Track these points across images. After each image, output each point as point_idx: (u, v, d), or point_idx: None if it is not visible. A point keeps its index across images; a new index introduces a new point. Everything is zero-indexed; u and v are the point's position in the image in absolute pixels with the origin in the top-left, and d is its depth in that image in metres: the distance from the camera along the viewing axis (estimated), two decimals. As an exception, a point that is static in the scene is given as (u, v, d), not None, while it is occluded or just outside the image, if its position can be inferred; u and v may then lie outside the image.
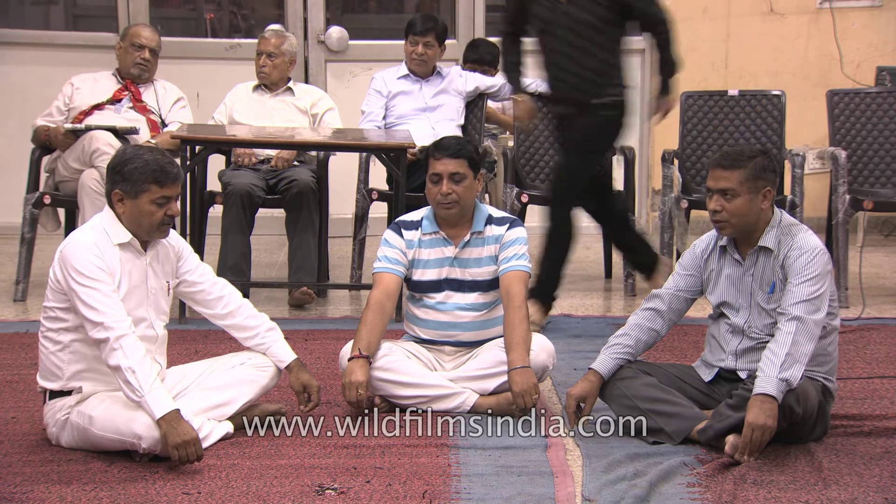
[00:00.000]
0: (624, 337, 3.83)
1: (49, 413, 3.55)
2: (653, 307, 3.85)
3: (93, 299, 3.41)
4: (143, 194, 3.50)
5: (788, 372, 3.41)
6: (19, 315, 5.38)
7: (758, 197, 3.64)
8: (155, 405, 3.34)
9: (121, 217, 3.55)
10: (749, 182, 3.62)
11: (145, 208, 3.52)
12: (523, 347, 3.87)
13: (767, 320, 3.66)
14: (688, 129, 6.05)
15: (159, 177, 3.51)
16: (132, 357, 3.36)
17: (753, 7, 7.41)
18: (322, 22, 7.45)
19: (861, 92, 6.08)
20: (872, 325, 5.20)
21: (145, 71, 5.81)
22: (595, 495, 3.23)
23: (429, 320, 4.11)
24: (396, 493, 3.24)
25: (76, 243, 3.49)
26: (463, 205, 4.05)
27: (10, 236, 6.47)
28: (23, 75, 7.32)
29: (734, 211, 3.64)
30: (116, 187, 3.53)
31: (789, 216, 3.75)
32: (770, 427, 3.39)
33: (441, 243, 4.10)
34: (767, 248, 3.67)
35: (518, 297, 3.97)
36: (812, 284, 3.54)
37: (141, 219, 3.53)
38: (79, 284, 3.42)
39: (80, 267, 3.43)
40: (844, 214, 5.67)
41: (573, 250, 5.22)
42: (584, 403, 3.75)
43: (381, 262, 4.08)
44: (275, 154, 5.72)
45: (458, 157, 4.02)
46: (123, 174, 3.51)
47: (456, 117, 6.09)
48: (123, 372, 3.35)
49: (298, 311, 5.51)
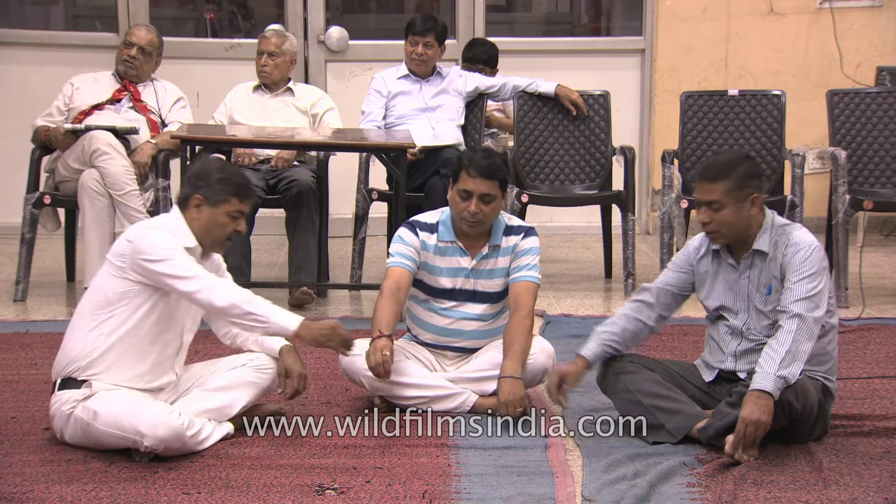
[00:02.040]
0: (611, 325, 3.86)
1: (56, 404, 3.55)
2: (641, 299, 3.88)
3: (177, 269, 3.48)
4: (223, 204, 3.59)
5: (787, 369, 3.42)
6: (19, 315, 5.38)
7: (745, 204, 3.62)
8: (285, 321, 3.51)
9: (191, 223, 3.60)
10: (735, 192, 3.60)
11: (220, 219, 3.60)
12: (519, 358, 3.87)
13: (765, 322, 3.66)
14: (688, 129, 6.05)
15: (242, 191, 3.62)
16: (239, 292, 3.51)
17: (753, 7, 7.41)
18: (322, 22, 7.45)
19: (861, 92, 6.08)
20: (872, 325, 5.20)
21: (131, 68, 5.79)
22: (595, 495, 3.23)
23: (433, 325, 4.10)
24: (396, 493, 3.24)
25: (148, 229, 3.57)
26: (487, 223, 4.02)
27: (10, 236, 6.47)
28: (23, 75, 7.32)
29: (723, 221, 3.63)
30: (199, 192, 3.60)
31: (781, 217, 3.75)
32: (764, 423, 3.39)
33: (457, 253, 4.06)
34: (762, 252, 3.67)
35: (525, 307, 3.96)
36: (810, 281, 3.54)
37: (213, 228, 3.61)
38: (160, 262, 3.48)
39: (157, 246, 3.50)
40: (844, 214, 5.66)
41: None
42: (565, 383, 3.79)
43: (395, 257, 4.05)
44: (275, 154, 5.72)
45: (492, 179, 3.95)
46: (209, 182, 3.59)
47: (456, 117, 6.09)
48: (240, 305, 3.47)
49: (298, 311, 5.47)
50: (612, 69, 7.51)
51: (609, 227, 6.29)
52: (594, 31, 8.30)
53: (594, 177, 6.16)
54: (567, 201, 6.28)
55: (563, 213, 7.37)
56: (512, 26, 8.22)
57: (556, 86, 6.11)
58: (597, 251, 6.65)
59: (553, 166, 6.15)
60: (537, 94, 6.14)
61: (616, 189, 6.09)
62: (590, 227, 7.24)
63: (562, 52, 7.60)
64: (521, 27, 8.30)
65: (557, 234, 7.58)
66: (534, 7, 8.67)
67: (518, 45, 7.67)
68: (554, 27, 8.46)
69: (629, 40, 7.64)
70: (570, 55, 7.57)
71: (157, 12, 7.46)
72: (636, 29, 7.62)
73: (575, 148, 6.16)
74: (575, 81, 6.31)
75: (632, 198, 5.99)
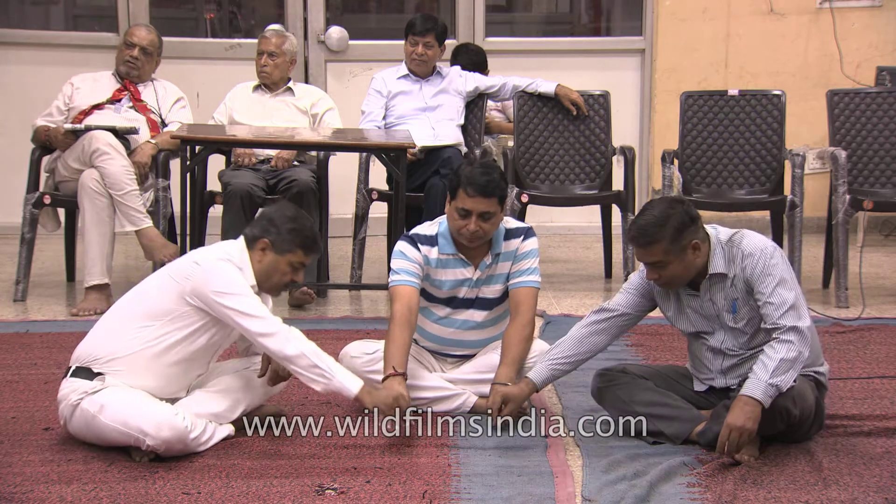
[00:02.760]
0: (560, 349, 3.79)
1: (66, 390, 3.54)
2: (597, 319, 3.79)
3: (249, 307, 3.49)
4: (288, 254, 3.62)
5: (780, 377, 3.38)
6: (19, 315, 5.38)
7: (687, 252, 3.54)
8: (347, 382, 3.51)
9: (254, 263, 3.62)
10: (672, 246, 3.51)
11: (283, 267, 3.62)
12: (515, 366, 3.86)
13: (742, 338, 3.62)
14: (688, 129, 6.05)
15: (310, 245, 3.65)
16: (307, 343, 3.50)
17: (753, 7, 7.41)
18: (322, 22, 7.45)
19: (861, 92, 6.08)
20: (872, 325, 5.20)
21: (133, 69, 5.80)
22: (595, 495, 3.23)
23: (432, 333, 4.09)
24: (396, 493, 3.24)
25: (220, 261, 3.56)
26: (487, 237, 3.97)
27: (10, 236, 6.47)
28: (23, 75, 7.33)
29: (671, 276, 3.56)
30: (268, 237, 3.61)
31: (723, 228, 3.65)
32: (748, 430, 3.37)
33: (459, 265, 4.01)
34: (720, 273, 3.59)
35: (526, 314, 3.94)
36: (783, 287, 3.47)
37: (273, 274, 3.63)
38: (231, 297, 3.48)
39: (231, 281, 3.50)
40: (844, 214, 5.66)
41: None
42: (506, 405, 3.75)
43: (400, 274, 3.94)
44: (275, 154, 5.72)
45: (491, 197, 3.87)
46: (279, 229, 3.62)
47: (456, 117, 6.09)
48: (308, 356, 3.47)
49: (298, 311, 5.51)
50: (612, 69, 7.52)
51: (609, 227, 6.29)
52: (594, 31, 8.30)
53: (594, 177, 6.16)
54: (567, 201, 6.28)
55: (563, 213, 7.37)
56: (512, 26, 8.22)
57: (556, 86, 6.11)
58: (597, 251, 6.65)
59: (553, 166, 6.15)
60: (537, 93, 6.14)
61: (616, 189, 6.09)
62: (590, 227, 7.24)
63: (562, 52, 7.61)
64: (521, 27, 8.30)
65: (557, 234, 7.59)
66: (534, 7, 8.67)
67: (518, 45, 7.68)
68: (554, 27, 8.47)
69: (629, 40, 7.64)
70: (570, 55, 7.57)
71: (157, 12, 7.46)
72: (636, 29, 7.62)
73: (575, 148, 6.16)
74: (575, 81, 6.31)
75: (632, 198, 5.99)
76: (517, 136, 6.14)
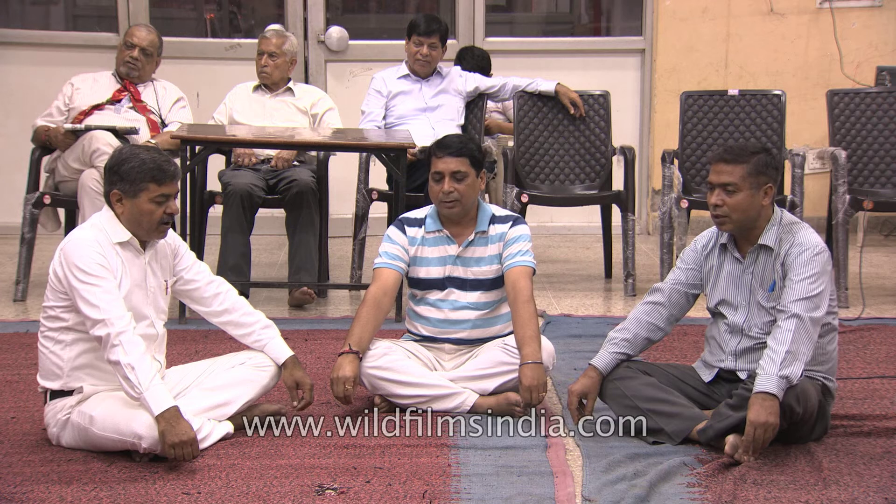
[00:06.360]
0: (623, 332, 3.83)
1: (50, 413, 3.55)
2: (653, 300, 3.86)
3: (94, 296, 3.41)
4: (142, 193, 3.52)
5: (788, 369, 3.42)
6: (19, 315, 5.38)
7: (759, 193, 3.64)
8: (154, 402, 3.35)
9: (120, 217, 3.56)
10: (751, 177, 3.62)
11: (144, 207, 3.53)
12: (536, 342, 3.87)
13: (766, 318, 3.66)
14: (688, 129, 6.05)
15: (157, 175, 3.53)
16: (132, 353, 3.37)
17: (753, 7, 7.41)
18: (322, 22, 7.45)
19: (861, 92, 6.08)
20: (872, 325, 5.20)
21: (134, 70, 5.79)
22: (595, 495, 3.23)
23: (430, 317, 4.11)
24: (396, 493, 3.24)
25: (77, 241, 3.50)
26: (465, 203, 4.05)
27: (10, 236, 6.47)
28: (23, 75, 7.33)
29: (735, 206, 3.64)
30: (115, 187, 3.55)
31: (790, 214, 3.76)
32: (773, 424, 3.39)
33: (444, 241, 4.10)
34: (767, 247, 3.67)
35: (525, 291, 3.97)
36: (812, 282, 3.54)
37: (140, 218, 3.54)
38: (80, 282, 3.43)
39: (81, 264, 3.44)
40: (844, 214, 5.66)
41: None
42: (587, 400, 3.76)
43: (382, 257, 4.09)
44: (275, 154, 5.72)
45: (460, 156, 4.02)
46: (121, 174, 3.53)
47: (456, 117, 6.09)
48: (123, 368, 3.36)
49: (298, 311, 5.51)
50: (612, 69, 7.52)
51: (609, 227, 6.29)
52: (594, 31, 8.30)
53: (594, 177, 6.16)
54: (567, 201, 6.28)
55: (563, 213, 7.37)
56: (512, 26, 8.22)
57: (556, 84, 6.11)
58: (597, 251, 6.65)
59: (553, 166, 6.15)
60: (538, 92, 6.14)
61: (616, 189, 6.09)
62: (590, 227, 7.24)
63: (562, 52, 7.61)
64: (521, 27, 8.30)
65: (557, 234, 7.59)
66: (534, 7, 8.67)
67: (518, 45, 7.68)
68: (554, 27, 8.46)
69: (629, 40, 7.64)
70: (570, 55, 7.57)
71: (157, 12, 7.46)
72: (636, 29, 7.62)
73: (575, 148, 6.16)
74: (575, 81, 6.31)
75: (632, 198, 5.99)
76: (517, 136, 6.14)
